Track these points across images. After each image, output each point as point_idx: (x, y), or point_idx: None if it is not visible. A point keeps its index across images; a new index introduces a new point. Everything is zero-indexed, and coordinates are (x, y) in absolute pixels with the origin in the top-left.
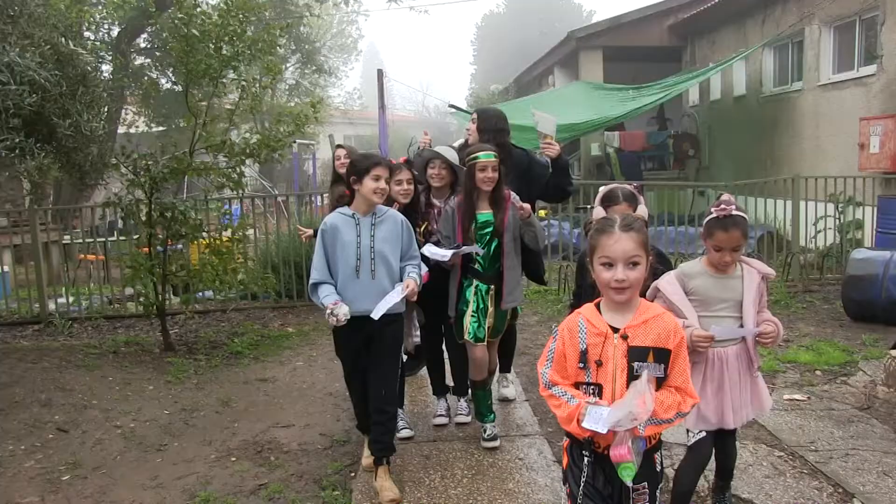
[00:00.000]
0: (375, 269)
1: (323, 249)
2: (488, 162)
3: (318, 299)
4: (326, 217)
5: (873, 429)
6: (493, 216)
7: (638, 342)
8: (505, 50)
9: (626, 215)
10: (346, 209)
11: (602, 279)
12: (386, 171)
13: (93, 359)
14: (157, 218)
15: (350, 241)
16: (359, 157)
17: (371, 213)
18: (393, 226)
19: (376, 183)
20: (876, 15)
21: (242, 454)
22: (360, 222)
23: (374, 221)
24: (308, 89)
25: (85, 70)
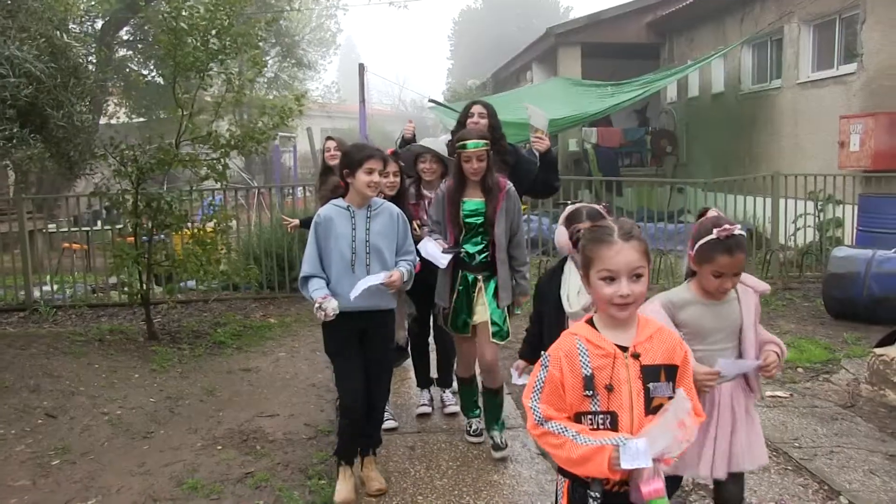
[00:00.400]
0: (370, 263)
1: (316, 242)
2: (474, 152)
3: (307, 293)
4: (320, 209)
5: (858, 427)
6: (485, 205)
7: (649, 360)
8: (482, 45)
9: (622, 220)
10: (341, 201)
11: (603, 295)
12: (380, 163)
13: (79, 346)
14: (143, 208)
15: (344, 233)
16: (351, 148)
17: (366, 205)
18: (389, 219)
19: (369, 176)
20: (856, 13)
21: (228, 443)
22: (354, 215)
23: (370, 214)
24: (287, 82)
25: (77, 62)
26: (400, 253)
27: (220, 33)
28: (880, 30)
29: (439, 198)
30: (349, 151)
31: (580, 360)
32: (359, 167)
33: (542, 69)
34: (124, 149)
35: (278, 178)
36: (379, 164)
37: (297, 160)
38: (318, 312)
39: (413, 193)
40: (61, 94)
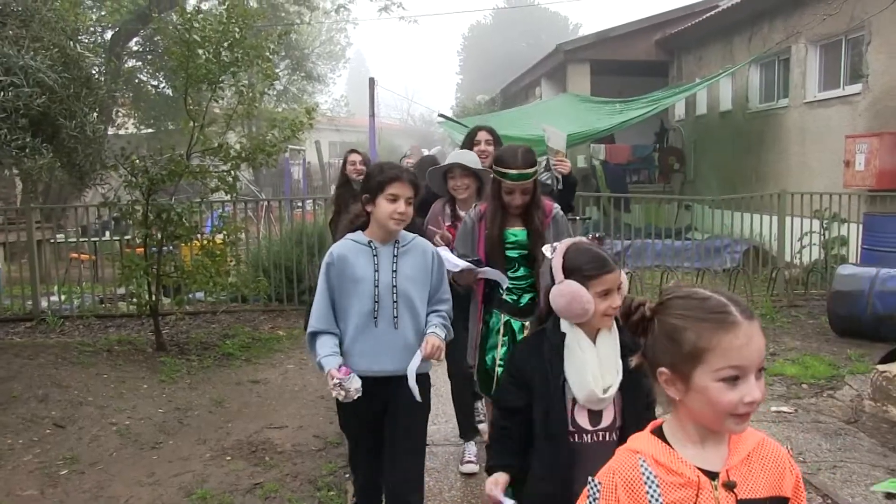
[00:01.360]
0: (398, 314)
1: (327, 288)
2: (518, 185)
3: (316, 356)
4: (333, 246)
5: (861, 442)
6: (527, 235)
7: (748, 492)
8: (491, 60)
9: (726, 293)
10: (360, 235)
11: (722, 402)
12: (407, 188)
13: (87, 356)
14: (154, 219)
15: (365, 276)
16: (373, 169)
17: (392, 241)
18: (421, 258)
19: (393, 205)
20: (862, 35)
21: (237, 454)
22: (378, 253)
23: (397, 252)
24: (296, 95)
25: (89, 72)
26: (433, 301)
27: (233, 46)
28: (885, 51)
29: (468, 228)
30: (370, 173)
31: (647, 492)
32: (380, 192)
33: (551, 85)
34: (135, 160)
35: (288, 191)
36: (407, 190)
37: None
38: (337, 391)
39: (448, 214)
40: (74, 105)
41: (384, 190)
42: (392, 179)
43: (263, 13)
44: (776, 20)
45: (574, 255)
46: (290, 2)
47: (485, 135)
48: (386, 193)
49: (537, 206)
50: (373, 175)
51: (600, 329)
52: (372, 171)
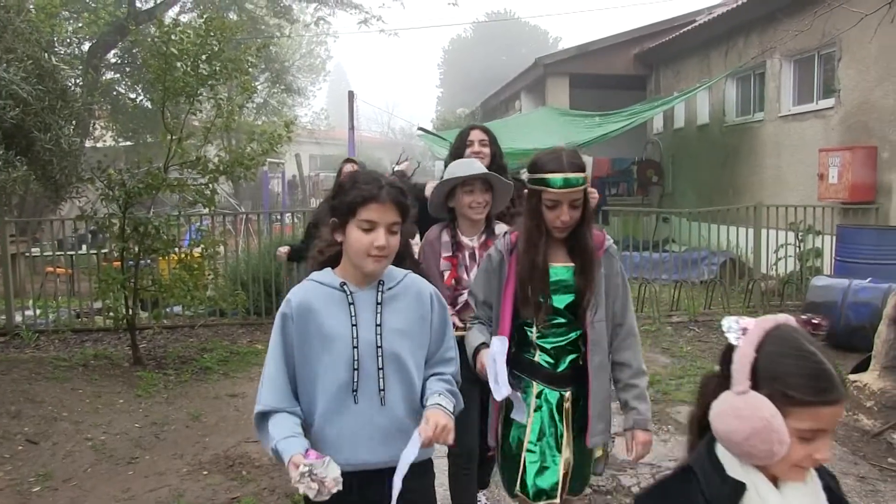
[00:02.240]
0: (386, 385)
1: (284, 352)
2: (566, 194)
3: (269, 440)
4: (292, 291)
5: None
6: (574, 274)
7: None
8: (472, 74)
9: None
10: (330, 274)
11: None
12: (391, 211)
13: (62, 371)
14: (131, 233)
15: (339, 334)
16: (346, 180)
17: (374, 282)
18: (416, 305)
19: (369, 235)
20: (833, 51)
21: (214, 468)
22: (355, 300)
23: (381, 297)
24: (276, 108)
25: (65, 84)
26: (433, 363)
27: (211, 59)
28: (855, 67)
29: (492, 264)
30: (341, 186)
31: None
32: (351, 217)
33: (530, 99)
34: (112, 173)
35: (266, 204)
36: (389, 214)
37: (285, 186)
38: (305, 485)
39: (448, 242)
40: (48, 117)
41: (356, 214)
42: (367, 199)
43: (242, 26)
44: (751, 35)
45: (778, 355)
46: (270, 14)
47: (479, 134)
48: (358, 219)
49: (588, 228)
50: (344, 190)
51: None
52: (343, 185)
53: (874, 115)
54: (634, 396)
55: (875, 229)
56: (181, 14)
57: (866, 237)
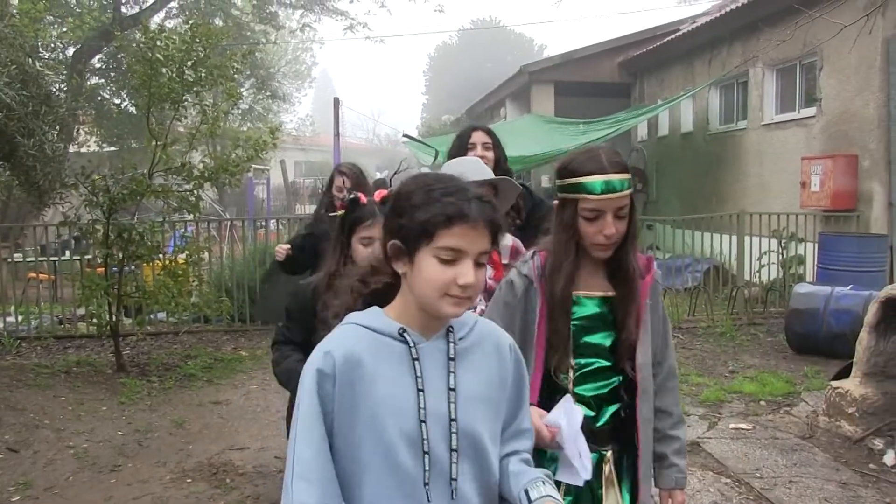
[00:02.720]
0: (459, 473)
1: (320, 423)
2: (610, 201)
3: None
4: (330, 340)
5: (815, 457)
6: (616, 305)
7: None
8: (457, 81)
9: None
10: (381, 317)
11: None
12: (483, 235)
13: (44, 378)
14: (115, 239)
15: (401, 403)
16: (410, 186)
17: (444, 328)
18: (494, 360)
19: (450, 268)
20: (815, 60)
21: (198, 476)
22: (420, 354)
23: (454, 349)
24: (261, 114)
25: (49, 90)
26: (508, 435)
27: (196, 65)
28: (835, 76)
29: (516, 291)
30: (404, 197)
31: None
32: (424, 241)
33: (515, 106)
34: (96, 178)
35: (251, 211)
36: (480, 239)
37: (270, 192)
38: None
39: None
40: (32, 122)
41: (433, 238)
42: (452, 219)
43: (228, 32)
44: (734, 44)
45: None
46: (256, 21)
47: (481, 136)
48: (436, 245)
49: (633, 248)
50: (412, 203)
51: None
52: (409, 195)
53: (854, 123)
54: (675, 451)
55: (856, 237)
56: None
57: (848, 245)
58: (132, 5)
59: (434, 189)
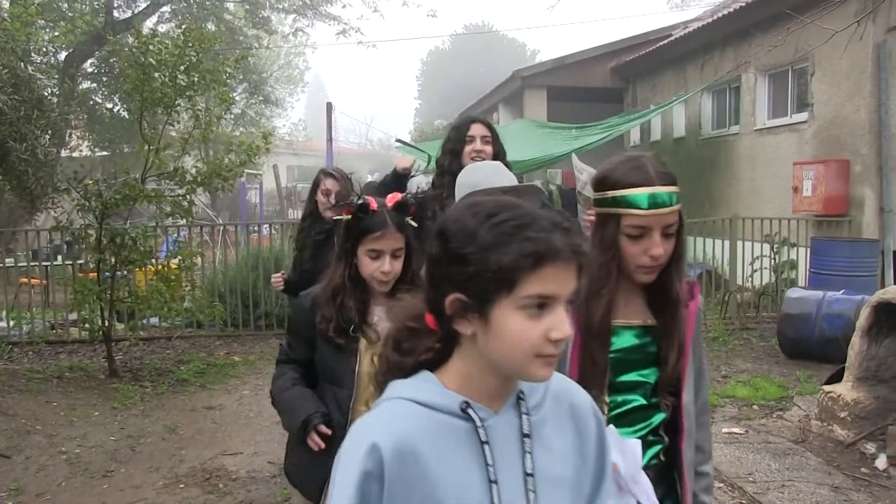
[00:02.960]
0: None
1: None
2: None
3: None
4: (372, 423)
5: (808, 461)
6: (657, 335)
7: None
8: (450, 86)
9: None
10: (435, 386)
11: None
12: (573, 274)
13: (36, 383)
14: (107, 244)
15: (472, 500)
16: (479, 214)
17: (514, 392)
18: (571, 427)
19: (539, 322)
20: (806, 66)
21: (191, 481)
22: (490, 435)
23: (528, 425)
24: (254, 119)
25: (41, 94)
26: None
27: (189, 69)
28: (827, 82)
29: None
30: (458, 233)
31: None
32: (504, 291)
33: (508, 111)
34: (88, 183)
35: (244, 216)
36: (571, 278)
37: (263, 197)
38: None
39: None
40: (24, 127)
41: (516, 286)
42: (543, 259)
43: (221, 37)
44: (727, 50)
45: None
46: (248, 25)
47: (481, 129)
48: (522, 294)
49: (679, 271)
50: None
51: None
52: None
53: (846, 129)
54: (703, 488)
55: (848, 242)
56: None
57: (840, 249)
58: (124, 10)
59: (502, 221)
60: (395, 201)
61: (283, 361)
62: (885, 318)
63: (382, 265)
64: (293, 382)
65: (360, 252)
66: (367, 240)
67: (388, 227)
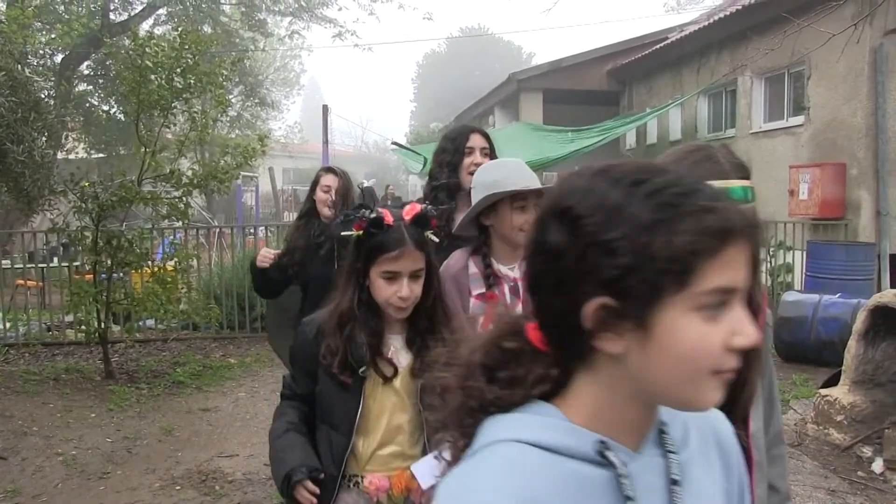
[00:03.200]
0: None
1: None
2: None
3: None
4: (477, 480)
5: (804, 464)
6: None
7: None
8: (445, 89)
9: None
10: (562, 423)
11: None
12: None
13: (32, 385)
14: (103, 245)
15: None
16: (614, 192)
17: (654, 423)
18: (719, 463)
19: (717, 328)
20: (803, 69)
21: (187, 483)
22: (635, 486)
23: (678, 466)
24: (249, 121)
25: (38, 96)
26: None
27: (185, 72)
28: (824, 85)
29: None
30: (597, 212)
31: None
32: (680, 285)
33: (504, 114)
34: (85, 185)
35: (241, 218)
36: (747, 264)
37: (259, 200)
38: None
39: (478, 275)
40: (21, 129)
41: (691, 280)
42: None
43: (217, 39)
44: (723, 53)
45: None
46: (244, 28)
47: (480, 140)
48: (700, 289)
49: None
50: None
51: None
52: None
53: (843, 132)
54: None
55: (844, 245)
56: (155, 27)
57: (836, 253)
58: (120, 12)
59: (660, 188)
60: (413, 214)
61: (286, 397)
62: (882, 322)
63: (400, 289)
64: (287, 427)
65: (372, 274)
66: (381, 260)
67: (405, 245)
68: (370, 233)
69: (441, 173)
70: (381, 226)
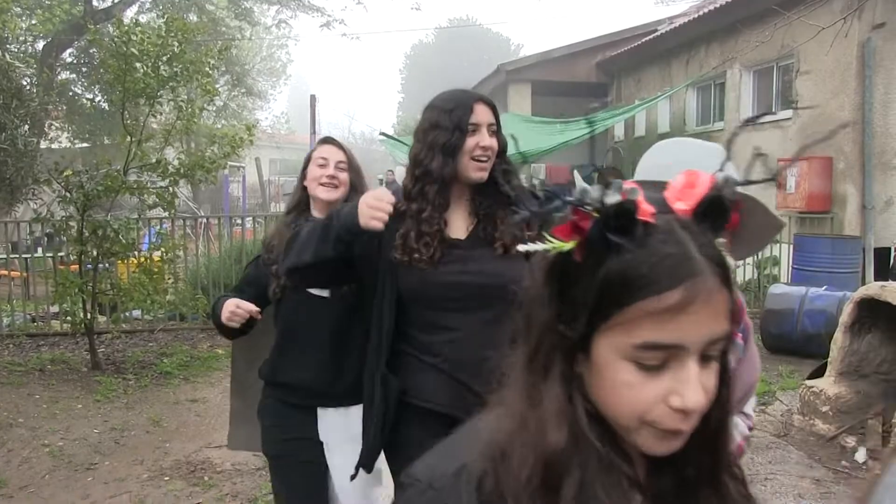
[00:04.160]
0: None
1: None
2: None
3: None
4: None
5: (790, 455)
6: None
7: None
8: (433, 79)
9: None
10: None
11: None
12: None
13: (17, 376)
14: (89, 236)
15: None
16: None
17: None
18: None
19: None
20: (791, 62)
21: (175, 474)
22: None
23: None
24: (236, 111)
25: (20, 83)
26: None
27: (171, 60)
28: (811, 79)
29: None
30: None
31: None
32: None
33: None
34: (69, 174)
35: (227, 209)
36: None
37: (245, 190)
38: None
39: None
40: (3, 116)
41: None
42: None
43: (203, 27)
44: (712, 45)
45: None
46: (231, 16)
47: (486, 113)
48: None
49: None
50: None
51: None
52: None
53: (830, 126)
54: None
55: (830, 238)
56: (139, 14)
57: (822, 246)
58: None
59: None
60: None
61: None
62: (867, 314)
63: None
64: None
65: (604, 344)
66: (635, 311)
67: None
68: (605, 242)
69: (430, 158)
70: (635, 225)
